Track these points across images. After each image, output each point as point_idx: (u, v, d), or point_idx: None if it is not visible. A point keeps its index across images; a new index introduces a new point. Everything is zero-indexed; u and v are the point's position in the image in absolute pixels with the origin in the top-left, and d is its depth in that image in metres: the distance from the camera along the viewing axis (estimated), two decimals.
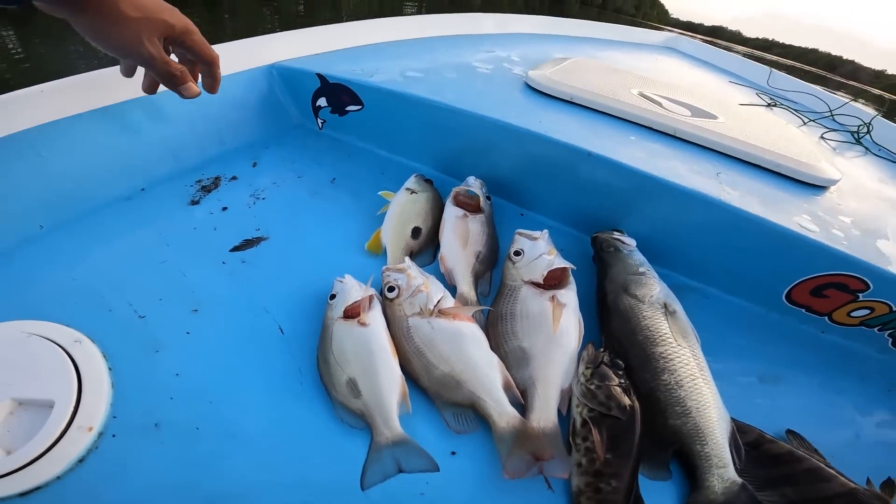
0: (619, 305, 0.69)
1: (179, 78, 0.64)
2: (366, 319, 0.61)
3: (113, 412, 0.53)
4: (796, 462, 0.64)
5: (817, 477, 0.62)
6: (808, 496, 0.61)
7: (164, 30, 0.59)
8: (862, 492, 0.60)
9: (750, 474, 0.62)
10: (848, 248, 0.74)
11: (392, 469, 0.53)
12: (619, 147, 0.84)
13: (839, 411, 0.73)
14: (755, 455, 0.64)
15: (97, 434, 0.50)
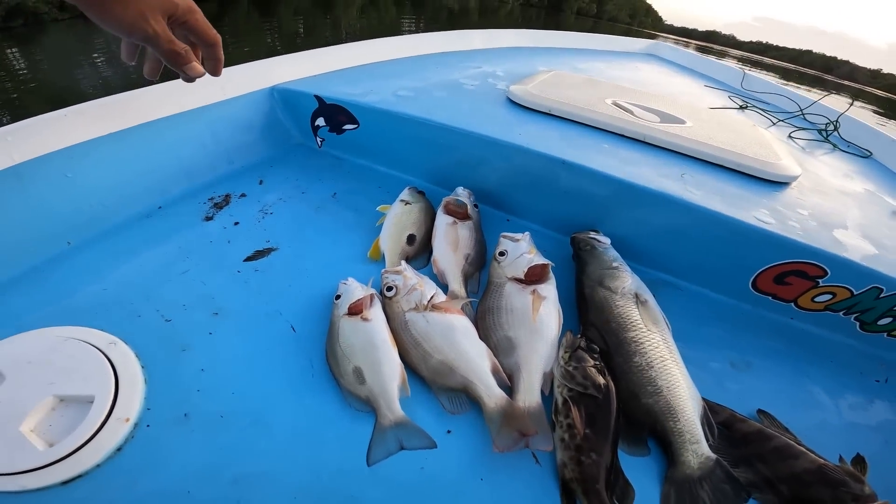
0: (594, 297, 0.76)
1: (184, 57, 0.61)
2: (368, 315, 0.69)
3: (147, 405, 0.59)
4: (766, 440, 0.68)
5: (787, 454, 0.66)
6: (779, 472, 0.65)
7: (168, 7, 0.58)
8: (831, 468, 0.64)
9: (724, 452, 0.67)
10: (803, 237, 0.81)
11: (395, 447, 0.60)
12: (593, 155, 0.93)
13: (810, 395, 0.78)
14: (728, 434, 0.69)
15: (133, 425, 0.56)
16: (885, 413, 0.78)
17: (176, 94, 0.97)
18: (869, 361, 0.86)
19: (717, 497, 0.61)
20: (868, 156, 1.35)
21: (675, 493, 0.62)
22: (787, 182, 0.99)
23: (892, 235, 0.94)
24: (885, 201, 1.10)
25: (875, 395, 0.81)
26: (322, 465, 0.58)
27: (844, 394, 0.80)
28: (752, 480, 0.65)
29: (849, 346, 0.88)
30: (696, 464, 0.63)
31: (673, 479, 0.63)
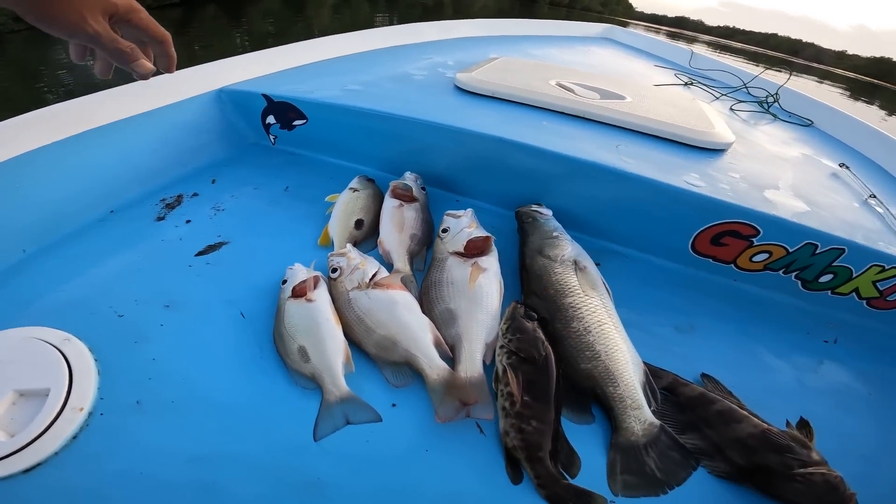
0: (534, 266, 0.79)
1: (129, 54, 0.61)
2: (312, 296, 0.71)
3: (100, 395, 0.61)
4: (709, 404, 0.68)
5: (730, 418, 0.66)
6: (723, 437, 0.65)
7: (107, 7, 0.57)
8: (776, 432, 0.64)
9: (670, 418, 0.68)
10: (733, 198, 0.85)
11: (341, 422, 0.62)
12: (531, 132, 0.95)
13: (756, 357, 0.80)
14: (673, 400, 0.70)
15: (87, 414, 0.58)
16: (836, 375, 0.80)
17: (124, 99, 0.98)
18: (816, 321, 0.88)
19: (665, 464, 0.62)
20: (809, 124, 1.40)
21: (621, 460, 0.62)
22: (721, 149, 1.03)
23: (827, 194, 0.98)
24: (823, 164, 1.14)
25: (824, 356, 0.82)
26: (272, 441, 0.60)
27: (791, 355, 0.81)
28: (700, 447, 0.65)
29: (794, 307, 0.90)
30: (640, 430, 0.64)
31: (618, 445, 0.64)
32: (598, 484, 0.60)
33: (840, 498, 0.58)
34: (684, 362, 0.75)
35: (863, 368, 0.81)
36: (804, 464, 0.61)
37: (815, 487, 0.59)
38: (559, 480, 0.58)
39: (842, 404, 0.75)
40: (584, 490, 0.58)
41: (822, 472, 0.60)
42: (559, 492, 0.57)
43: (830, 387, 0.77)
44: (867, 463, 0.67)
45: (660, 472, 0.61)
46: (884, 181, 1.15)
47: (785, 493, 0.60)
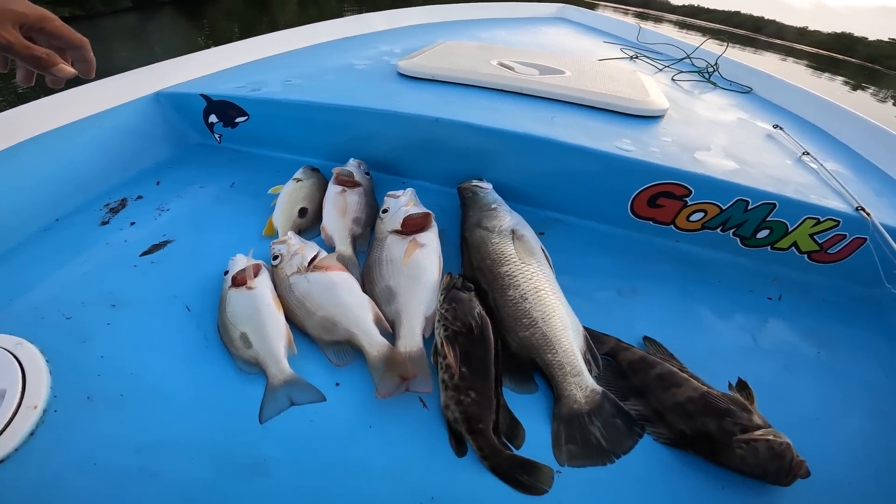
0: (473, 238, 0.80)
1: (46, 60, 0.62)
2: (252, 284, 0.72)
3: (53, 393, 0.62)
4: (649, 368, 0.67)
5: (670, 382, 0.65)
6: (664, 403, 0.64)
7: (16, 17, 0.59)
8: (715, 396, 0.63)
9: (613, 384, 0.67)
10: (662, 160, 0.87)
11: (285, 403, 0.63)
12: (468, 110, 0.97)
13: (700, 318, 0.81)
14: (615, 365, 0.70)
15: (42, 411, 0.60)
16: (781, 334, 0.80)
17: (59, 108, 0.96)
18: (758, 279, 0.90)
19: (610, 433, 0.61)
20: (748, 91, 1.44)
21: (565, 429, 0.62)
22: (655, 116, 1.05)
23: (759, 154, 1.01)
24: (757, 126, 1.17)
25: (769, 315, 0.83)
26: (218, 427, 0.61)
27: (735, 315, 0.82)
28: (643, 413, 0.64)
29: (736, 265, 0.93)
30: (582, 397, 0.63)
31: (561, 415, 0.63)
32: (544, 454, 0.61)
33: (787, 465, 0.56)
34: (627, 326, 0.77)
35: (809, 326, 0.82)
36: (745, 428, 0.59)
37: (759, 455, 0.57)
38: (502, 452, 0.58)
39: (789, 365, 0.75)
40: (529, 461, 0.59)
41: (767, 439, 0.58)
42: (503, 463, 0.58)
43: (776, 347, 0.78)
44: (817, 426, 0.67)
45: (605, 441, 0.61)
46: (820, 139, 1.19)
47: (730, 462, 0.58)
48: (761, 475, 0.57)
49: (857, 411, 0.70)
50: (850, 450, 0.65)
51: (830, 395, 0.72)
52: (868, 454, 0.65)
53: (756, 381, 0.68)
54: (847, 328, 0.83)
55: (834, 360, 0.77)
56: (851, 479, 0.61)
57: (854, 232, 0.85)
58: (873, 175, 1.05)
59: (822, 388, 0.73)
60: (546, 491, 0.57)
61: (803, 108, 1.32)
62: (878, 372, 0.76)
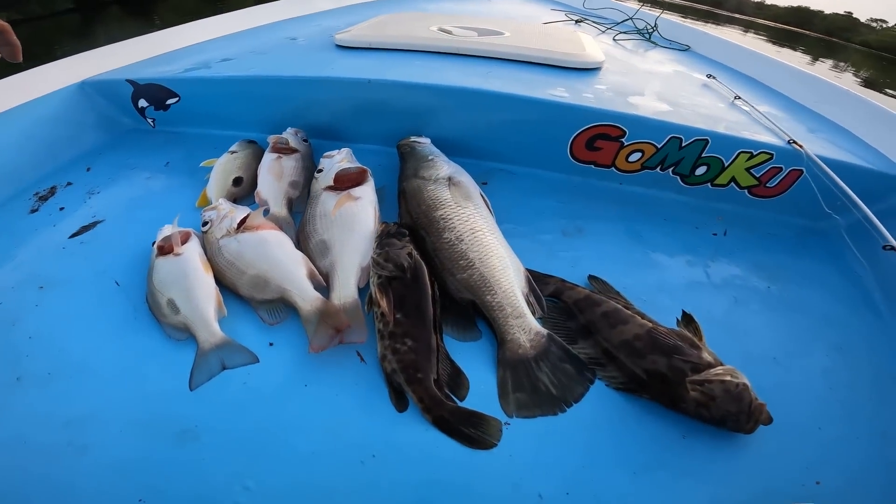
0: (409, 186, 0.79)
1: None
2: (179, 250, 0.69)
3: None
4: (595, 306, 0.65)
5: (616, 320, 0.63)
6: (612, 342, 0.61)
7: None
8: (662, 332, 0.60)
9: (560, 328, 0.65)
10: (595, 103, 0.87)
11: (217, 368, 0.61)
12: (401, 70, 0.96)
13: (646, 255, 0.80)
14: (561, 306, 0.68)
15: None
16: (729, 268, 0.79)
17: None
18: (703, 215, 0.90)
19: (559, 379, 0.59)
20: (686, 49, 1.46)
21: (512, 376, 0.59)
22: (591, 68, 1.06)
23: (691, 98, 1.01)
24: (693, 77, 1.19)
25: (715, 250, 0.83)
26: (148, 396, 0.59)
27: (682, 251, 0.82)
28: (593, 356, 0.62)
29: (680, 202, 0.93)
30: (527, 341, 0.61)
31: (505, 360, 0.60)
32: (492, 405, 0.58)
33: (747, 409, 0.53)
34: (573, 266, 0.76)
35: (757, 259, 0.82)
36: (695, 366, 0.56)
37: (715, 398, 0.54)
38: (445, 403, 0.56)
39: (740, 299, 0.74)
40: (475, 412, 0.56)
41: (723, 380, 0.54)
42: (446, 416, 0.55)
43: (725, 281, 0.77)
44: (775, 365, 0.65)
45: (555, 388, 0.58)
46: (752, 87, 1.21)
47: (687, 407, 0.55)
48: (720, 421, 0.54)
49: (816, 347, 0.68)
50: (813, 390, 0.62)
51: (786, 331, 0.70)
52: (833, 393, 0.62)
53: (706, 316, 0.66)
54: (796, 260, 0.83)
55: (786, 293, 0.76)
56: (820, 423, 0.59)
57: (789, 164, 0.87)
58: (805, 115, 1.07)
59: (776, 323, 0.71)
60: (495, 444, 0.54)
61: (737, 62, 1.34)
62: (833, 304, 0.75)
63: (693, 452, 0.55)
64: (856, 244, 0.83)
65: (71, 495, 0.51)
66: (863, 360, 0.67)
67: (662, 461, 0.54)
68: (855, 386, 0.64)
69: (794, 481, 0.53)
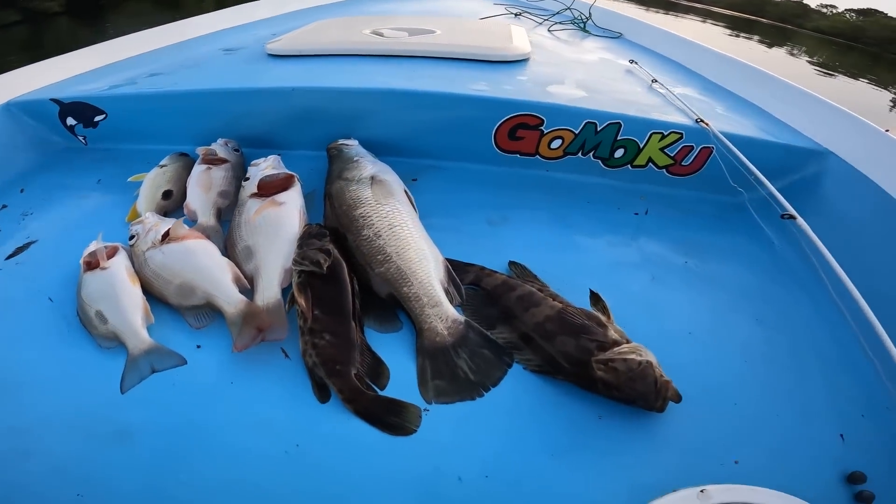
0: (333, 188, 0.82)
1: None
2: (105, 265, 0.71)
3: None
4: (510, 291, 0.67)
5: (529, 303, 0.65)
6: (527, 324, 0.63)
7: None
8: (570, 312, 0.62)
9: (480, 314, 0.67)
10: (512, 94, 0.91)
11: (147, 371, 0.64)
12: (327, 77, 0.99)
13: (569, 238, 0.84)
14: (482, 294, 0.70)
15: None
16: (648, 246, 0.82)
17: None
18: (626, 197, 0.95)
19: (478, 364, 0.61)
20: (618, 36, 1.51)
21: (430, 364, 0.61)
22: (517, 60, 1.10)
23: (610, 84, 1.06)
24: (617, 63, 1.24)
25: (635, 229, 0.87)
26: (81, 403, 0.61)
27: (604, 232, 0.85)
28: (510, 340, 0.63)
29: (603, 185, 0.97)
30: (444, 329, 0.63)
31: (423, 349, 0.63)
32: (412, 393, 0.60)
33: (653, 387, 0.54)
34: (496, 254, 0.79)
35: (676, 236, 0.85)
36: (601, 345, 0.58)
37: (619, 376, 0.55)
38: (365, 393, 0.58)
39: (657, 276, 0.76)
40: (395, 400, 0.59)
41: (625, 358, 0.55)
42: (367, 405, 0.58)
43: (644, 259, 0.80)
44: (690, 340, 0.67)
45: (473, 374, 0.60)
46: (674, 70, 1.26)
47: (596, 387, 0.56)
48: (631, 400, 0.55)
49: (733, 320, 0.70)
50: (730, 365, 0.64)
51: (702, 306, 0.72)
52: (750, 368, 0.63)
53: (624, 294, 0.69)
54: (714, 236, 0.87)
55: (703, 268, 0.78)
56: (736, 399, 0.60)
57: (699, 142, 0.92)
58: (721, 95, 1.12)
59: (693, 299, 0.73)
60: (414, 430, 0.56)
61: (664, 47, 1.40)
62: (749, 277, 0.78)
63: (610, 433, 0.57)
64: (762, 218, 0.88)
65: (17, 495, 0.54)
66: (781, 332, 0.69)
67: (581, 443, 0.56)
68: (773, 359, 0.65)
69: (714, 460, 0.54)
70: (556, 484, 0.53)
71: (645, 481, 0.53)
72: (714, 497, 0.49)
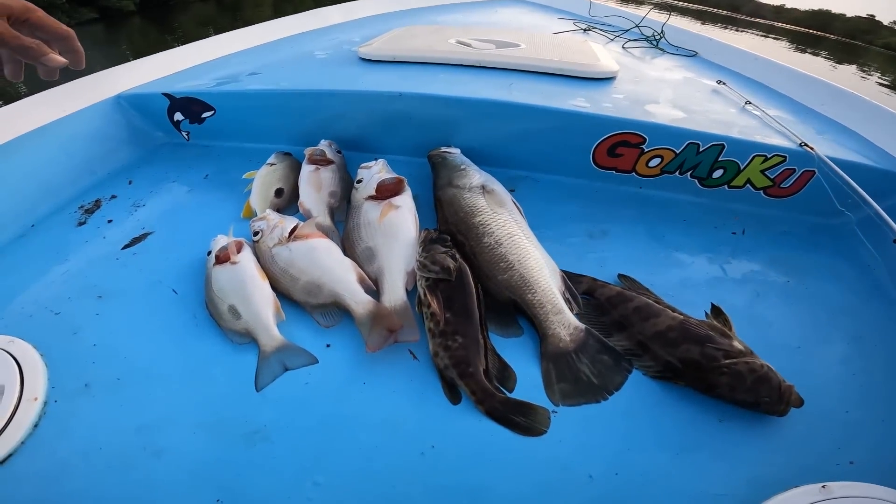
0: (445, 196, 0.84)
1: (36, 50, 0.60)
2: (235, 259, 0.74)
3: (51, 384, 0.64)
4: (627, 301, 0.70)
5: (648, 313, 0.67)
6: (645, 334, 0.66)
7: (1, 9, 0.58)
8: (693, 323, 0.65)
9: (594, 322, 0.69)
10: (614, 112, 0.92)
11: (279, 369, 0.65)
12: (429, 84, 1.01)
13: (669, 254, 0.85)
14: (595, 303, 0.73)
15: (43, 403, 0.61)
16: (749, 264, 0.84)
17: (16, 117, 0.96)
18: (721, 216, 0.95)
19: (599, 369, 0.63)
20: (694, 55, 1.51)
21: (555, 368, 0.64)
22: (606, 78, 1.11)
23: (704, 104, 1.06)
24: (703, 83, 1.23)
25: (734, 248, 0.88)
26: (215, 399, 0.63)
27: (702, 250, 0.87)
28: (628, 347, 0.66)
29: (697, 204, 0.98)
30: (567, 335, 0.65)
31: (548, 354, 0.65)
32: (538, 396, 0.62)
33: (777, 391, 0.57)
34: (601, 266, 0.81)
35: (774, 255, 0.86)
36: (727, 353, 0.60)
37: (743, 379, 0.58)
38: (496, 394, 0.60)
39: (761, 293, 0.78)
40: (525, 402, 0.60)
41: (747, 361, 0.59)
42: (498, 406, 0.59)
43: (745, 276, 0.81)
44: (798, 354, 0.69)
45: (595, 378, 0.63)
46: (761, 91, 1.25)
47: (721, 391, 0.59)
48: (754, 403, 0.58)
49: (835, 337, 0.72)
50: (836, 376, 0.66)
51: (806, 322, 0.74)
52: (855, 378, 0.66)
53: (729, 309, 0.71)
54: (810, 256, 0.87)
55: (803, 287, 0.80)
56: (846, 407, 0.62)
57: (802, 166, 0.91)
58: (814, 118, 1.12)
59: (797, 315, 0.75)
60: (545, 431, 0.58)
61: (745, 67, 1.39)
62: (848, 297, 0.79)
63: (730, 435, 0.59)
64: (867, 238, 0.88)
65: (150, 499, 0.54)
66: (877, 349, 0.71)
67: (701, 443, 0.58)
68: (872, 372, 0.67)
69: (829, 461, 0.57)
70: (679, 480, 0.55)
71: (765, 479, 0.55)
72: (835, 492, 0.51)
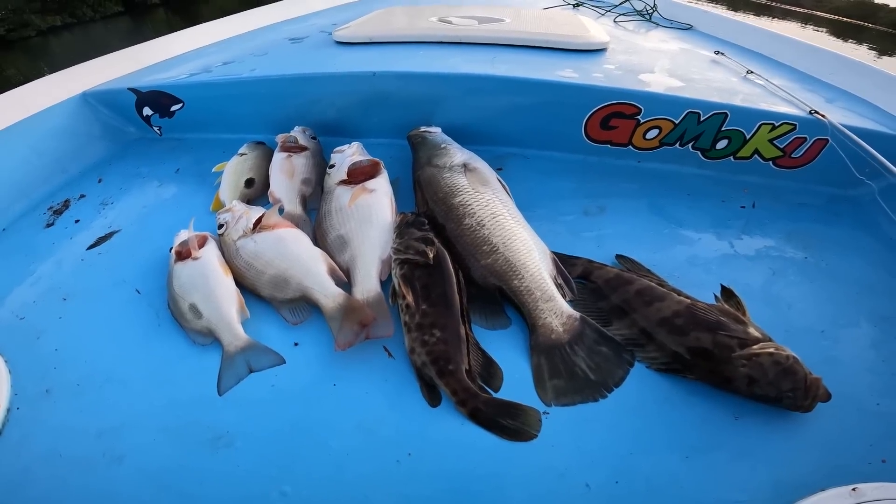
0: (423, 175, 0.78)
1: None
2: (197, 254, 0.68)
3: (14, 391, 0.61)
4: (627, 285, 0.62)
5: (651, 297, 0.60)
6: (649, 320, 0.58)
7: None
8: (702, 308, 0.57)
9: (591, 309, 0.62)
10: (605, 82, 0.85)
11: (244, 371, 0.60)
12: (404, 61, 0.95)
13: (674, 230, 0.78)
14: (591, 287, 0.65)
15: (6, 410, 0.59)
16: (763, 239, 0.77)
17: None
18: (729, 188, 0.88)
19: (597, 362, 0.56)
20: (688, 28, 1.43)
21: (547, 363, 0.57)
22: (595, 49, 1.04)
23: (703, 73, 0.98)
24: (700, 54, 1.16)
25: (745, 222, 0.81)
26: (178, 403, 0.59)
27: (710, 225, 0.79)
28: (630, 336, 0.59)
29: (702, 177, 0.90)
30: (559, 325, 0.59)
31: (538, 347, 0.58)
32: (528, 395, 0.56)
33: (802, 384, 0.50)
34: (598, 246, 0.74)
35: (790, 230, 0.79)
36: (743, 342, 0.53)
37: (766, 372, 0.50)
38: (480, 395, 0.54)
39: (778, 271, 0.71)
40: (512, 403, 0.54)
41: (770, 352, 0.51)
42: (482, 408, 0.53)
43: (760, 253, 0.74)
44: (823, 338, 0.62)
45: (593, 373, 0.55)
46: (762, 61, 1.18)
47: (738, 385, 0.52)
48: (776, 398, 0.51)
49: (862, 318, 0.65)
50: (866, 363, 0.59)
51: (829, 302, 0.67)
52: (887, 366, 0.59)
53: (744, 289, 0.64)
54: (830, 229, 0.80)
55: (824, 262, 0.73)
56: (878, 398, 0.55)
57: (814, 134, 0.84)
58: (822, 87, 1.04)
59: (818, 294, 0.68)
60: (535, 435, 0.52)
61: (744, 38, 1.31)
62: (873, 272, 0.72)
63: (748, 433, 0.52)
64: (892, 208, 0.80)
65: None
66: None
67: (716, 443, 0.52)
68: None
69: (860, 459, 0.50)
70: (690, 486, 0.49)
71: (789, 481, 0.49)
72: (867, 495, 0.46)
